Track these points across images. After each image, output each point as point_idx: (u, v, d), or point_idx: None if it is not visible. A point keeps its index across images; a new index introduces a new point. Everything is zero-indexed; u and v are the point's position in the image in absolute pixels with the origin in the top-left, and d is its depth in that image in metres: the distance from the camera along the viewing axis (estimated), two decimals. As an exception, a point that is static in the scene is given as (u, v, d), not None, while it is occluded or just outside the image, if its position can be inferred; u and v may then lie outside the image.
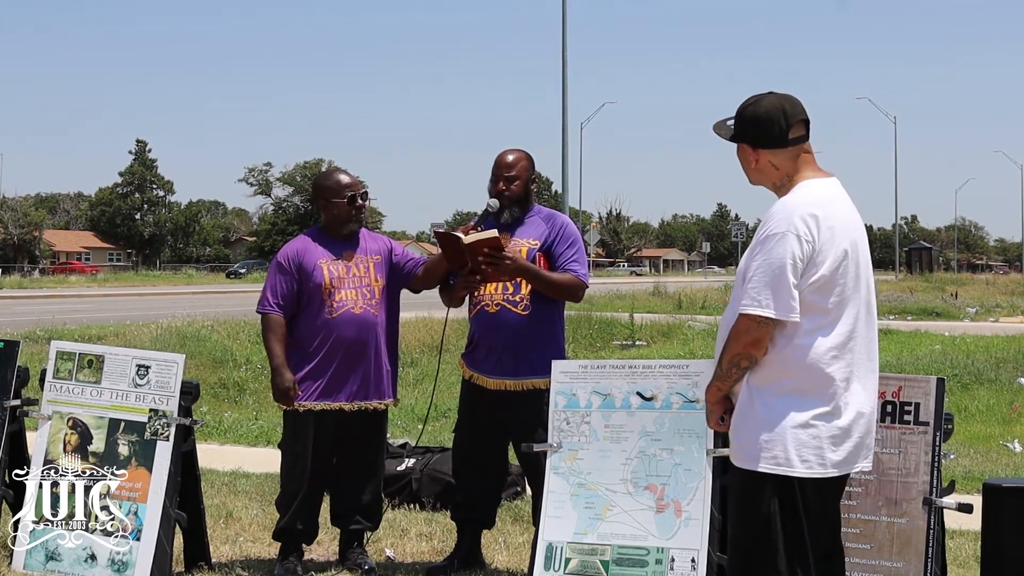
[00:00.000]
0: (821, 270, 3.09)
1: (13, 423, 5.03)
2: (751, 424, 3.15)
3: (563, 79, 28.19)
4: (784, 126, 3.21)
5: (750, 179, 3.35)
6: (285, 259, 4.93)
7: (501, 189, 4.86)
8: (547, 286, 4.77)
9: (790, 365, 3.10)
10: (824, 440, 3.10)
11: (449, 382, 12.32)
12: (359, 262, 4.95)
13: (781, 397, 3.11)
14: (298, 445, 4.89)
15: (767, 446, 3.10)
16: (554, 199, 38.33)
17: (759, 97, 3.27)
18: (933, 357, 13.35)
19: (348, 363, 4.84)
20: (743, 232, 54.44)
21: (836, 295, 3.12)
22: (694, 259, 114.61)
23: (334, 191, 4.97)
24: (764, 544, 3.12)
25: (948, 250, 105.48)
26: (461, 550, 4.99)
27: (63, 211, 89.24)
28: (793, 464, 3.09)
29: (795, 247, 3.06)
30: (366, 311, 4.89)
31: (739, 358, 3.13)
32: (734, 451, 3.23)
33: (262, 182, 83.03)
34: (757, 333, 3.08)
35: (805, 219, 3.09)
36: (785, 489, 3.11)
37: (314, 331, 4.84)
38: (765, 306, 3.05)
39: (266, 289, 4.92)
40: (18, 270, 63.48)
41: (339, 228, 4.98)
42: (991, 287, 39.46)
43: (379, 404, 4.94)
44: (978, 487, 4.46)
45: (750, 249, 3.18)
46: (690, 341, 16.64)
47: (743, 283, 3.15)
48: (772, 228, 3.11)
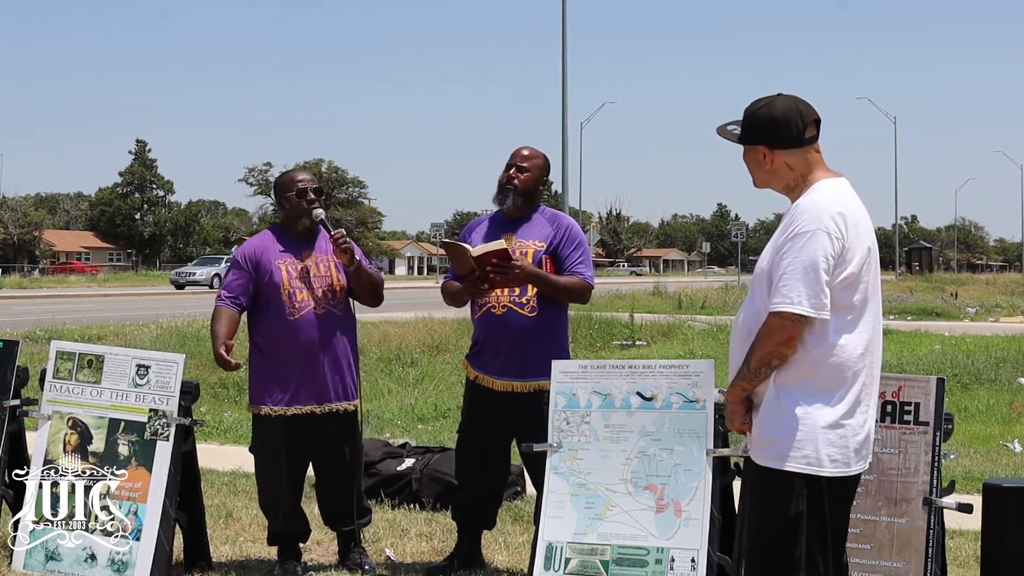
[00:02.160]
0: (850, 267, 3.10)
1: (13, 423, 5.03)
2: (779, 423, 3.13)
3: (563, 79, 28.21)
4: (801, 126, 3.21)
5: (757, 181, 3.33)
6: (242, 257, 4.93)
7: (511, 175, 4.86)
8: (555, 290, 4.77)
9: (819, 364, 3.10)
10: (850, 439, 3.12)
11: (449, 382, 12.37)
12: (319, 261, 4.92)
13: (810, 396, 3.11)
14: (270, 450, 4.88)
15: (798, 446, 3.09)
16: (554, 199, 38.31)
17: (771, 99, 3.27)
18: (933, 357, 13.34)
19: (313, 365, 4.82)
20: (743, 232, 54.46)
21: (861, 292, 3.13)
22: (694, 259, 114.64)
23: (286, 186, 4.97)
24: (788, 544, 3.12)
25: (948, 250, 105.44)
26: (461, 550, 4.99)
27: (63, 211, 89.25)
28: (823, 464, 3.09)
29: (827, 244, 3.07)
30: (329, 311, 4.87)
31: (770, 357, 3.12)
32: (758, 451, 3.20)
33: (262, 182, 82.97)
34: (791, 331, 3.07)
35: (834, 217, 3.09)
36: (813, 488, 3.11)
37: (277, 334, 4.82)
38: (798, 303, 3.04)
39: (223, 286, 4.94)
40: (18, 270, 63.46)
41: (294, 224, 4.96)
42: (991, 287, 39.44)
43: (348, 405, 4.93)
44: (978, 487, 4.46)
45: (775, 249, 3.16)
46: (690, 341, 16.63)
47: (768, 283, 3.14)
48: (801, 227, 3.10)
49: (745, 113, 3.30)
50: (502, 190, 4.88)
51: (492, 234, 4.87)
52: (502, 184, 4.88)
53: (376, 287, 4.99)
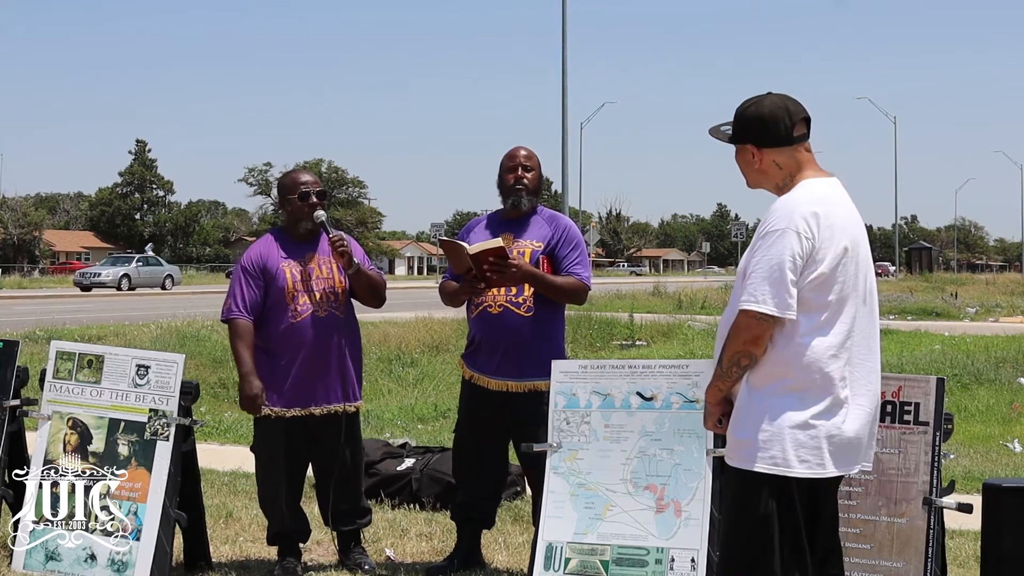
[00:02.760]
0: (820, 267, 3.09)
1: (13, 423, 5.03)
2: (748, 424, 3.14)
3: (563, 79, 28.16)
4: (788, 124, 3.21)
5: (749, 182, 3.33)
6: (250, 263, 4.89)
7: (520, 176, 4.87)
8: (552, 290, 4.77)
9: (789, 364, 3.09)
10: (823, 440, 3.09)
11: (449, 382, 12.36)
12: (322, 263, 4.92)
13: (779, 397, 3.10)
14: (270, 451, 4.88)
15: (765, 446, 3.09)
16: (554, 199, 38.34)
17: (759, 98, 3.27)
18: (933, 357, 13.33)
19: (315, 367, 4.81)
20: (743, 232, 54.49)
21: (835, 293, 3.11)
22: (694, 259, 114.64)
23: (289, 188, 4.95)
24: (759, 545, 3.11)
25: (948, 250, 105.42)
26: (461, 550, 4.99)
27: (63, 211, 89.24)
28: (791, 464, 3.08)
29: (795, 244, 3.06)
30: (331, 313, 4.87)
31: (739, 356, 3.12)
32: (730, 451, 3.22)
33: (262, 182, 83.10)
34: (757, 330, 3.07)
35: (805, 217, 3.08)
36: (782, 489, 3.10)
37: (279, 336, 4.81)
38: (763, 302, 3.05)
39: (232, 295, 4.85)
40: (18, 270, 63.47)
41: (296, 226, 4.96)
42: (991, 287, 39.43)
43: (350, 407, 4.93)
44: (978, 487, 4.46)
45: (751, 246, 3.18)
46: (690, 341, 16.63)
47: (743, 280, 3.15)
48: (772, 225, 3.11)
49: (735, 112, 3.30)
50: (513, 192, 4.87)
51: (491, 234, 4.87)
52: (511, 186, 4.88)
53: (377, 289, 4.99)
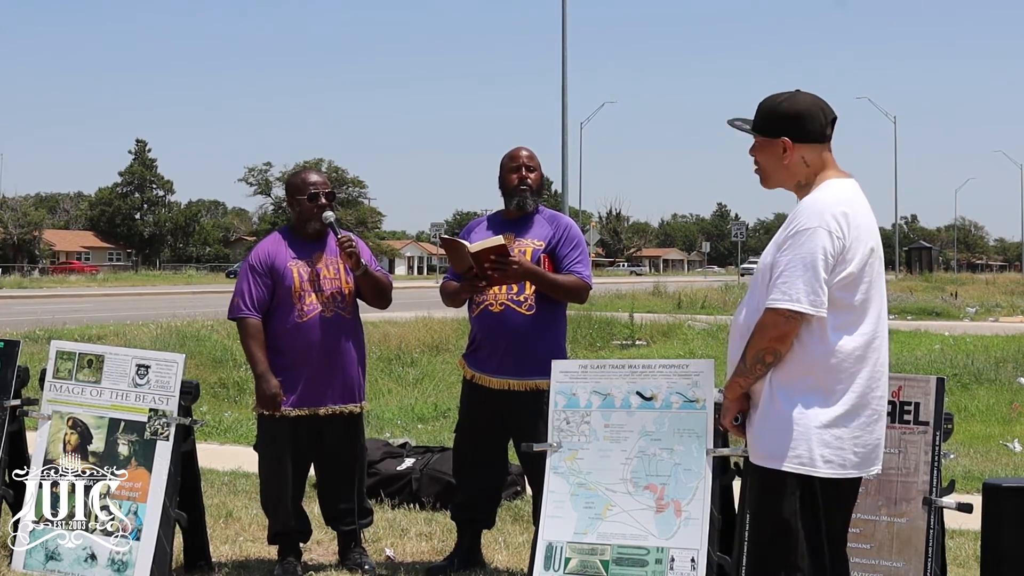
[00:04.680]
0: (850, 267, 3.09)
1: (13, 423, 5.03)
2: (774, 423, 3.13)
3: (563, 79, 28.15)
4: (823, 122, 3.22)
5: (770, 178, 3.29)
6: (257, 261, 4.89)
7: (524, 177, 4.87)
8: (553, 288, 4.77)
9: (815, 364, 3.09)
10: (846, 441, 3.10)
11: (449, 382, 12.36)
12: (329, 264, 4.92)
13: (805, 396, 3.10)
14: (275, 450, 4.88)
15: (792, 445, 3.08)
16: (554, 199, 38.32)
17: (791, 94, 3.25)
18: (933, 357, 13.34)
19: (321, 367, 4.82)
20: (743, 232, 54.47)
21: (862, 292, 3.12)
22: (694, 259, 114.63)
23: (298, 188, 4.95)
24: (783, 543, 3.11)
25: (948, 250, 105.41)
26: (461, 550, 4.99)
27: (63, 211, 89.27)
28: (816, 464, 3.08)
29: (826, 242, 3.06)
30: (337, 314, 4.87)
31: (764, 353, 3.11)
32: (755, 450, 3.20)
33: (262, 182, 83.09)
34: (785, 328, 3.06)
35: (836, 216, 3.08)
36: (806, 489, 3.11)
37: (285, 336, 4.81)
38: (796, 300, 3.03)
39: (240, 293, 4.85)
40: (18, 270, 63.49)
41: (304, 226, 4.96)
42: (991, 287, 39.43)
43: (354, 408, 4.93)
44: (978, 487, 4.46)
45: (776, 245, 3.16)
46: (690, 341, 16.64)
47: (768, 279, 3.13)
48: (803, 224, 3.10)
49: (763, 107, 3.26)
50: (518, 193, 4.87)
51: (492, 235, 4.87)
52: (515, 187, 4.87)
53: (383, 290, 4.99)
